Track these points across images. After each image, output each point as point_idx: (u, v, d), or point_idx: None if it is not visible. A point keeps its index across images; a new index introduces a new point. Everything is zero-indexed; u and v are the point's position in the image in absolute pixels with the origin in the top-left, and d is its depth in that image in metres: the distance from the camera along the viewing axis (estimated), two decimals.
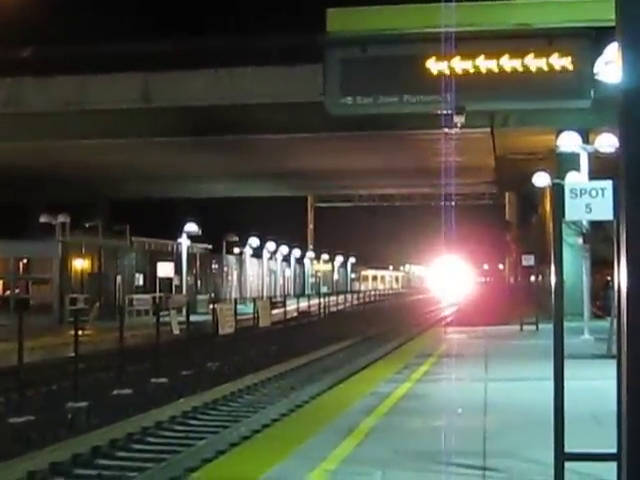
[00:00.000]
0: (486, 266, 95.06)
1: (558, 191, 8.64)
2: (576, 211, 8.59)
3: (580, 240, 27.81)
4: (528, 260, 40.35)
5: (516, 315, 35.85)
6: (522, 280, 46.90)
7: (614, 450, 6.64)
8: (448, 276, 66.08)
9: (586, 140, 27.05)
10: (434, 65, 10.46)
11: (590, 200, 8.33)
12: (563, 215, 8.78)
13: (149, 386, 24.09)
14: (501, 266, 68.39)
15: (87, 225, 55.18)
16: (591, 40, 13.02)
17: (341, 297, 74.05)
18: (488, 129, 36.17)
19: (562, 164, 29.21)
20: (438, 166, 38.78)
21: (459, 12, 9.68)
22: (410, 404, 15.04)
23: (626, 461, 2.75)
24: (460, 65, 10.23)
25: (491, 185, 57.12)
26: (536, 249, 38.94)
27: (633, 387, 2.75)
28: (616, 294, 2.87)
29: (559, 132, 27.39)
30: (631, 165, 2.75)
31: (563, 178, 18.84)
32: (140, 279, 59.66)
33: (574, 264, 28.23)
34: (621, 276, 2.82)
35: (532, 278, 46.33)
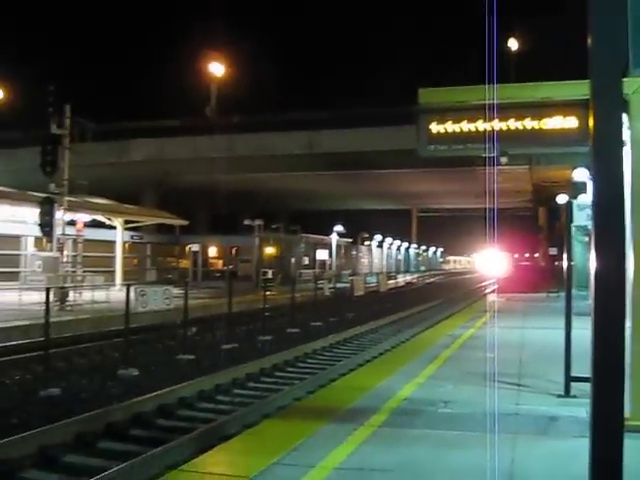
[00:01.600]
0: (527, 254, 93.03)
1: (569, 206, 8.51)
2: (580, 219, 8.43)
3: (586, 238, 27.09)
4: (553, 251, 39.39)
5: (544, 286, 34.95)
6: (549, 264, 45.56)
7: None
8: (499, 260, 64.72)
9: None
10: (485, 125, 10.30)
11: (590, 212, 8.18)
12: (572, 221, 8.62)
13: (309, 327, 24.25)
14: (536, 255, 66.98)
15: (273, 226, 55.80)
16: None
17: (432, 273, 73.60)
18: (527, 166, 35.52)
19: (576, 189, 28.48)
20: (494, 190, 38.20)
21: (503, 90, 9.51)
22: (473, 342, 14.82)
23: (594, 380, 2.73)
24: (503, 124, 10.05)
25: (529, 202, 55.99)
26: (558, 244, 37.95)
27: (598, 330, 2.71)
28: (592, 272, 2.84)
29: (574, 168, 26.72)
30: (597, 188, 2.69)
31: (576, 198, 18.43)
32: (306, 260, 60.08)
33: (582, 254, 27.41)
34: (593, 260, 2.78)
35: (556, 263, 45.08)
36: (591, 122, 2.79)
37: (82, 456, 8.72)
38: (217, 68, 48.21)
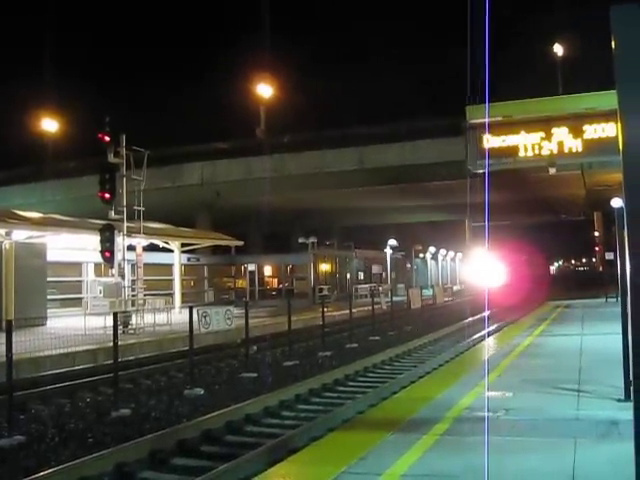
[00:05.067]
0: (584, 259, 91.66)
1: (619, 211, 8.62)
2: None
3: None
4: (610, 256, 38.74)
5: (602, 291, 34.35)
6: (607, 269, 44.78)
7: None
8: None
9: None
10: (532, 137, 10.34)
11: None
12: (623, 226, 8.73)
13: (368, 342, 24.43)
14: (594, 259, 65.92)
15: (327, 243, 56.15)
16: None
17: None
18: (579, 171, 35.06)
19: None
20: (547, 196, 38.00)
21: (548, 102, 9.57)
22: (532, 350, 14.87)
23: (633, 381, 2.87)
24: (550, 136, 10.06)
25: (584, 207, 55.35)
26: (615, 248, 37.18)
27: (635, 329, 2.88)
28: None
29: None
30: (630, 189, 2.87)
31: None
32: (361, 275, 60.22)
33: None
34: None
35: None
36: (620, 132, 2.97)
37: (157, 472, 9.12)
38: (265, 89, 49.02)
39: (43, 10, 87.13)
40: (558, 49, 43.57)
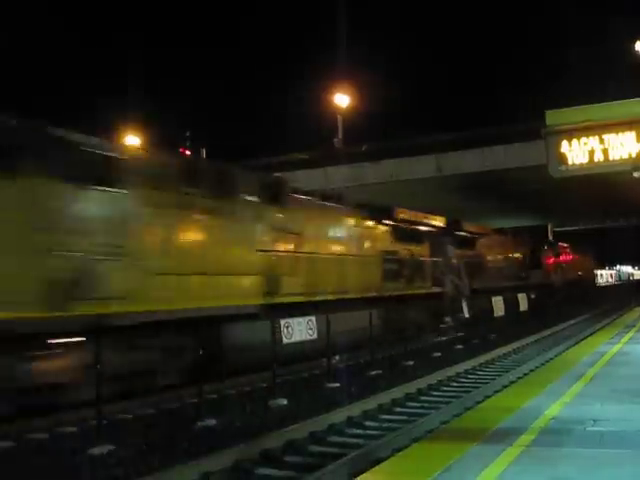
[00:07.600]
0: None
1: None
2: None
3: None
4: None
5: None
6: None
7: None
8: None
9: None
10: (615, 140, 10.08)
11: None
12: None
13: (454, 352, 24.19)
14: None
15: None
16: None
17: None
18: None
19: None
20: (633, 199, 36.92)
21: (631, 105, 9.31)
22: (620, 359, 14.49)
23: None
24: (633, 139, 9.83)
25: None
26: None
27: None
28: None
29: None
30: None
31: None
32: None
33: None
34: None
35: None
36: None
37: None
38: (342, 99, 49.24)
39: (127, 26, 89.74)
40: None
